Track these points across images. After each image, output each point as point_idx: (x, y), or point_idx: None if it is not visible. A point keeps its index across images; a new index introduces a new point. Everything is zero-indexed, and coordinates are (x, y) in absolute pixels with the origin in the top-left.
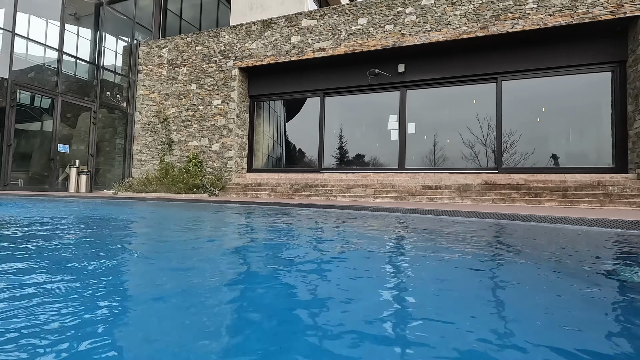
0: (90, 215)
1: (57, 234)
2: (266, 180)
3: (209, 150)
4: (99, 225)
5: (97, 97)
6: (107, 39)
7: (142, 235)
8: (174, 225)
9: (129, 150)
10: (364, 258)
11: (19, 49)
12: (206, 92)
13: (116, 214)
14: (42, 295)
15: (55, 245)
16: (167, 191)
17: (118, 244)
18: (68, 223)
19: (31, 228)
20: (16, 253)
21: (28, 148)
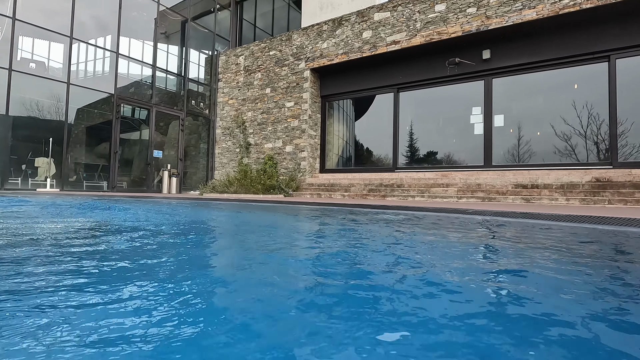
0: (205, 215)
1: (191, 231)
2: (339, 181)
3: (283, 152)
4: (221, 224)
5: (184, 106)
6: (191, 53)
7: (250, 237)
8: (278, 230)
9: (211, 154)
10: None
11: (122, 69)
12: (279, 95)
13: (218, 215)
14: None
15: (192, 239)
16: (246, 192)
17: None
18: (190, 225)
19: (168, 224)
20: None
21: (130, 155)
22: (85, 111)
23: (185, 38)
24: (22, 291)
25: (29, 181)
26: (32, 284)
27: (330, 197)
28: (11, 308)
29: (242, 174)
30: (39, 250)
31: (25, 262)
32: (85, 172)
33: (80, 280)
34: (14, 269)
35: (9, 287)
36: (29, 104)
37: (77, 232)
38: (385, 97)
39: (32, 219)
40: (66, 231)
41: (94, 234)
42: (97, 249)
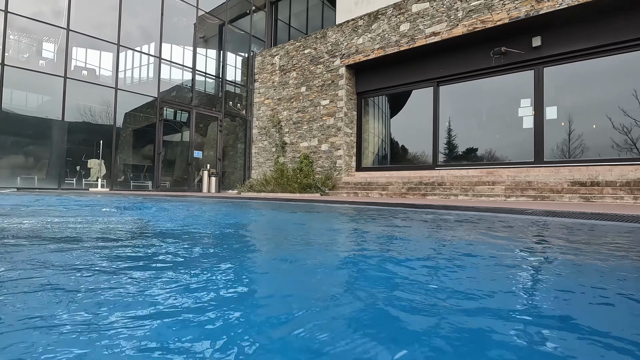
0: (249, 214)
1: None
2: (376, 179)
3: (319, 150)
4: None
5: (222, 108)
6: (228, 55)
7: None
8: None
9: (248, 153)
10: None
11: (164, 74)
12: (315, 94)
13: (266, 215)
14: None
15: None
16: (283, 191)
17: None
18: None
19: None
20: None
21: (172, 156)
22: (132, 115)
23: (222, 41)
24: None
25: (83, 181)
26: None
27: (367, 195)
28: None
29: (278, 173)
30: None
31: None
32: (132, 173)
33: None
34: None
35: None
36: (82, 110)
37: (144, 229)
38: (423, 92)
39: (122, 215)
40: (139, 226)
41: (167, 227)
42: (175, 241)
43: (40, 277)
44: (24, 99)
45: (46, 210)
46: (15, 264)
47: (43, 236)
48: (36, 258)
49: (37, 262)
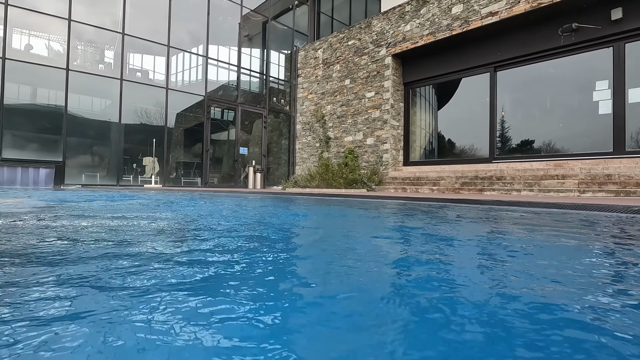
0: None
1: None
2: (426, 174)
3: (364, 145)
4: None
5: (266, 104)
6: (272, 52)
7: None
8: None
9: (292, 149)
10: None
11: (211, 75)
12: (359, 86)
13: (318, 211)
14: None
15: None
16: (328, 186)
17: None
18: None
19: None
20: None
21: (220, 153)
22: (182, 115)
23: (266, 38)
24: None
25: (139, 178)
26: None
27: (417, 191)
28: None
29: (323, 168)
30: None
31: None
32: (182, 170)
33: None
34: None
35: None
36: (137, 112)
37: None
38: (475, 79)
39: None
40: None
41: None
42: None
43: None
44: (87, 103)
45: (122, 205)
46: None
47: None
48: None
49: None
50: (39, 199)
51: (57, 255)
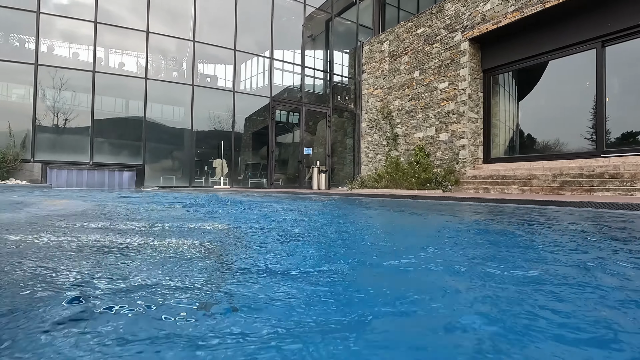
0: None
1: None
2: (513, 172)
3: (436, 141)
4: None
5: (330, 102)
6: (335, 49)
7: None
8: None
9: (357, 148)
10: None
11: (276, 79)
12: (430, 77)
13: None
14: None
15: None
16: (398, 187)
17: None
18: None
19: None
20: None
21: (285, 155)
22: (250, 119)
23: (329, 36)
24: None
25: (209, 180)
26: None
27: (502, 191)
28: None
29: (392, 167)
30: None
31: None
32: (249, 171)
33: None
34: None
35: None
36: (208, 117)
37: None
38: (570, 60)
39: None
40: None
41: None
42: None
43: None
44: (164, 111)
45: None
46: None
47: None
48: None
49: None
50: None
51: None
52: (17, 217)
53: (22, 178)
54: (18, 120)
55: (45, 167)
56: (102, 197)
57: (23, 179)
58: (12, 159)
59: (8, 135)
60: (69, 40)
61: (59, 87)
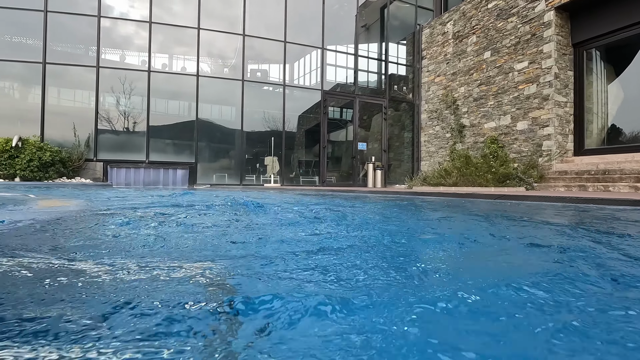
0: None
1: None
2: (619, 165)
3: (512, 131)
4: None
5: (386, 93)
6: (391, 38)
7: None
8: None
9: (416, 142)
10: None
11: (329, 76)
12: (505, 57)
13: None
14: None
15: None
16: (469, 184)
17: None
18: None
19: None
20: None
21: (337, 152)
22: (303, 117)
23: (384, 22)
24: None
25: (261, 177)
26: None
27: (605, 189)
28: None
29: (462, 161)
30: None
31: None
32: (301, 169)
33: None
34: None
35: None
36: (258, 115)
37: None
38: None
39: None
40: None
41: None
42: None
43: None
44: (215, 111)
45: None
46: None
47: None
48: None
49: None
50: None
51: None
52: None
53: (86, 177)
54: (82, 122)
55: (106, 166)
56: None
57: (87, 178)
58: (77, 159)
59: (73, 135)
60: (124, 44)
61: (119, 90)
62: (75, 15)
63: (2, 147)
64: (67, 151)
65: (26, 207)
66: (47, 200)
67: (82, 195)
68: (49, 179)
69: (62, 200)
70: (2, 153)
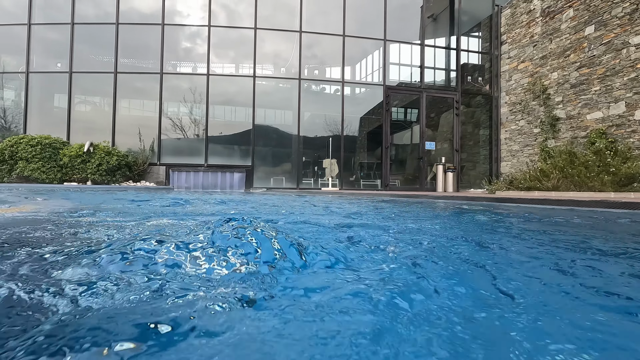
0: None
1: None
2: None
3: (628, 122)
4: None
5: (458, 86)
6: (462, 26)
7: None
8: None
9: (494, 140)
10: None
11: (392, 75)
12: (615, 31)
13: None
14: None
15: None
16: (576, 187)
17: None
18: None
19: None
20: None
21: (402, 154)
22: (365, 119)
23: (454, 8)
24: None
25: (319, 181)
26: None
27: None
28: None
29: (564, 160)
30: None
31: None
32: (361, 172)
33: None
34: None
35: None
36: (315, 116)
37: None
38: None
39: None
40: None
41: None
42: None
43: None
44: (265, 113)
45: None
46: None
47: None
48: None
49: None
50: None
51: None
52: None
53: (150, 180)
54: (148, 129)
55: (168, 170)
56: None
57: (151, 181)
58: (142, 163)
59: (139, 140)
60: (183, 51)
61: (180, 95)
62: (141, 26)
63: (77, 152)
64: (133, 155)
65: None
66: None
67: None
68: (115, 183)
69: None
70: (76, 158)
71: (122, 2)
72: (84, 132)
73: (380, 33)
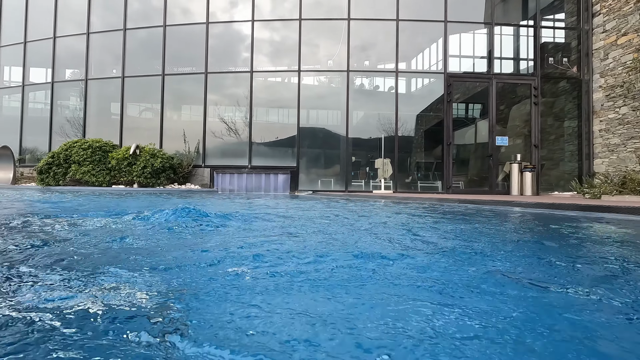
0: None
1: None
2: None
3: None
4: None
5: (537, 70)
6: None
7: None
8: None
9: (585, 133)
10: None
11: (452, 66)
12: None
13: None
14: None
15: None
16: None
17: None
18: None
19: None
20: None
21: (465, 154)
22: (422, 116)
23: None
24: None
25: (370, 183)
26: None
27: None
28: None
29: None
30: None
31: None
32: (419, 172)
33: None
34: None
35: None
36: (365, 116)
37: None
38: None
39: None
40: None
41: None
42: None
43: None
44: (317, 115)
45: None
46: None
47: None
48: None
49: None
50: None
51: None
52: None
53: (195, 182)
54: (193, 131)
55: (212, 172)
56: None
57: (195, 184)
58: (187, 165)
59: (183, 142)
60: (228, 48)
61: (224, 95)
62: (186, 27)
63: (123, 154)
64: (177, 158)
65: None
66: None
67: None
68: (160, 185)
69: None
70: (123, 160)
71: (169, 3)
72: (135, 136)
73: (440, 14)
